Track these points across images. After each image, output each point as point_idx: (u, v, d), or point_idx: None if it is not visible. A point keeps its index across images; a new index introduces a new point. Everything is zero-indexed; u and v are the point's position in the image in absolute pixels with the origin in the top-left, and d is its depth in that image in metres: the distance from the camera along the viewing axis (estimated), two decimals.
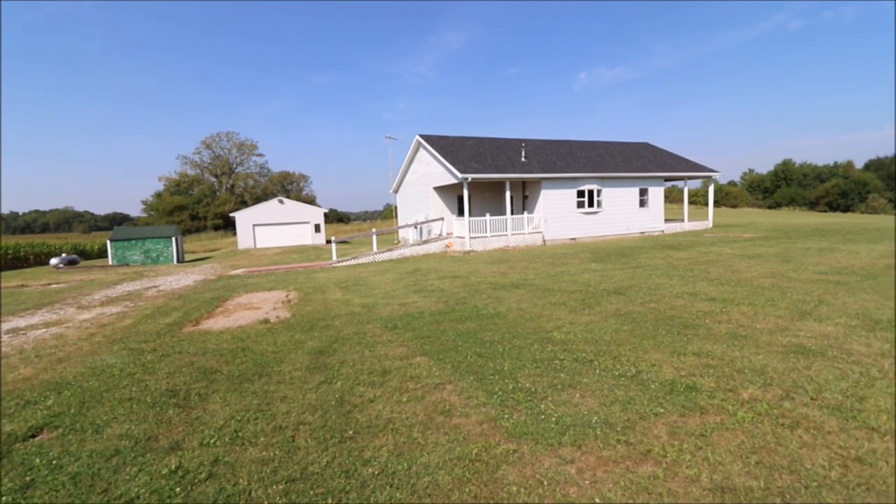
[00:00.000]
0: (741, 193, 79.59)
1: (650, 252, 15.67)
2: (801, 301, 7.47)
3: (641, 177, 23.82)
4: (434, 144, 22.14)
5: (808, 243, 15.58)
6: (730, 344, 5.51)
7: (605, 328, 6.53)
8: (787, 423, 3.54)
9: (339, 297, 10.43)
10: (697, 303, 7.78)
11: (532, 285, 10.39)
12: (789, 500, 2.65)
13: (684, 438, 3.38)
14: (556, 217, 21.63)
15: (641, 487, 2.83)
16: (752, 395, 4.08)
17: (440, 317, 7.79)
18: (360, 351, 6.11)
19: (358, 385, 4.88)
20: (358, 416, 4.16)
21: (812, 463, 3.01)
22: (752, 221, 31.98)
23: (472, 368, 5.14)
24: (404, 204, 27.61)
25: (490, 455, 3.30)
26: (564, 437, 3.48)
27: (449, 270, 13.86)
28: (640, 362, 5.04)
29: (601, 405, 4.02)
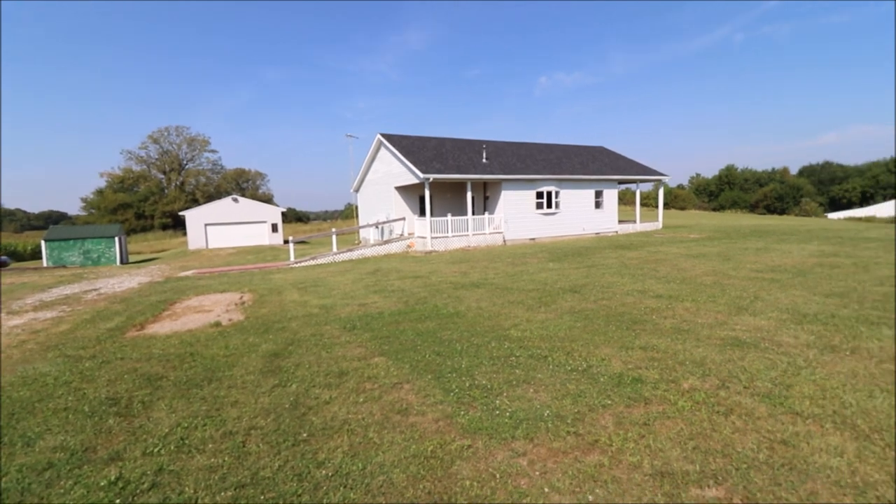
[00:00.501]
0: (689, 196, 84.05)
1: (604, 252, 16.27)
2: (738, 297, 7.99)
3: (597, 179, 24.68)
4: (396, 144, 22.03)
5: (746, 243, 16.67)
6: (674, 338, 5.83)
7: (560, 325, 6.73)
8: (722, 410, 3.80)
9: (296, 298, 10.19)
10: (646, 300, 8.16)
11: (492, 284, 10.55)
12: (720, 481, 2.85)
13: (629, 428, 3.55)
14: (516, 218, 22.04)
15: (588, 476, 2.96)
16: (691, 386, 4.34)
17: (400, 317, 7.77)
18: (317, 353, 6.01)
19: (314, 387, 4.80)
20: (313, 418, 4.09)
21: (743, 446, 3.25)
22: (697, 223, 33.85)
23: (431, 367, 5.17)
24: (365, 203, 27.30)
25: (445, 451, 3.35)
26: (517, 430, 3.58)
27: (410, 270, 13.84)
28: (592, 357, 5.25)
29: (553, 399, 4.16)
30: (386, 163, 23.40)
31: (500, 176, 21.12)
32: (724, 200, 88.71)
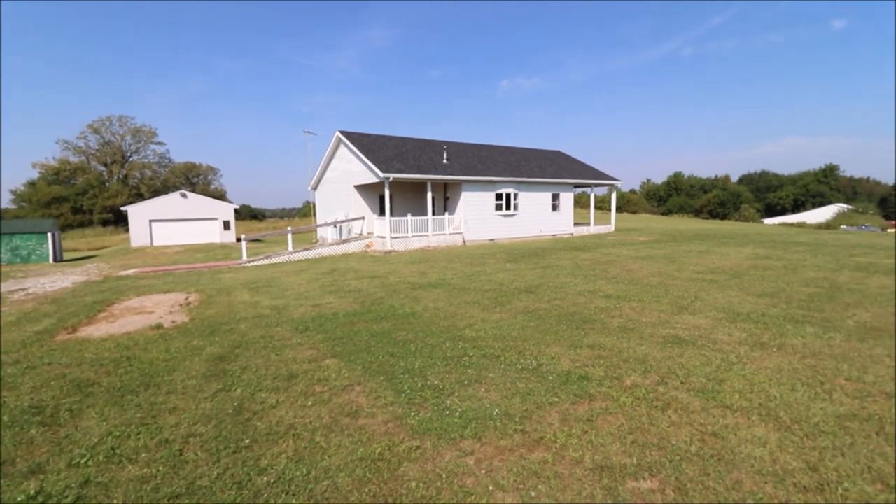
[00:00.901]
0: (640, 201, 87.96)
1: (559, 253, 16.73)
2: (680, 297, 8.43)
3: (554, 183, 25.33)
4: (355, 142, 21.70)
5: (690, 246, 17.63)
6: (620, 336, 6.07)
7: (514, 325, 6.85)
8: (660, 405, 3.99)
9: (246, 298, 9.82)
10: (596, 299, 8.45)
11: (449, 285, 10.59)
12: (655, 473, 2.99)
13: (573, 424, 3.66)
14: (475, 218, 22.25)
15: (532, 472, 3.02)
16: (633, 382, 4.53)
17: (355, 317, 7.65)
18: (266, 355, 5.81)
19: (260, 391, 4.64)
20: (257, 423, 3.95)
21: (677, 439, 3.42)
22: (647, 226, 35.47)
23: (384, 368, 5.12)
24: (324, 202, 26.71)
25: (393, 453, 3.32)
26: (466, 430, 3.61)
27: (368, 270, 13.67)
28: (542, 356, 5.37)
29: (503, 398, 4.22)
30: (345, 161, 23.00)
31: (461, 177, 21.26)
32: (671, 205, 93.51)
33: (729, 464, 3.10)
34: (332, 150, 24.28)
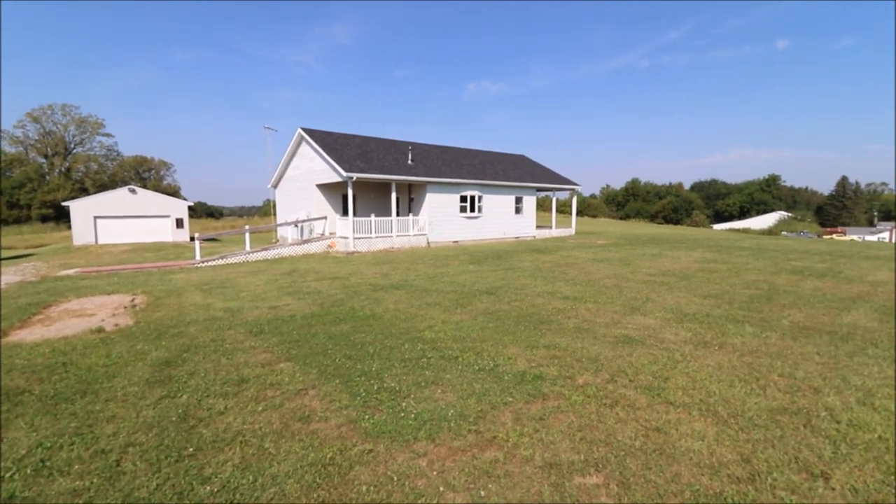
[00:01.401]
0: (600, 205, 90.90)
1: (521, 255, 17.02)
2: (633, 298, 8.77)
3: (518, 186, 25.76)
4: (318, 140, 21.26)
5: (644, 249, 18.37)
6: (574, 336, 6.24)
7: (473, 326, 6.91)
8: (609, 402, 4.13)
9: (198, 300, 9.41)
10: (554, 301, 8.66)
11: (412, 286, 10.56)
12: (601, 469, 3.09)
13: (526, 423, 3.73)
14: (440, 220, 22.29)
15: (483, 472, 3.06)
16: (585, 381, 4.67)
17: (313, 320, 7.49)
18: (216, 359, 5.59)
19: (207, 397, 4.46)
20: (203, 430, 3.80)
21: (623, 435, 3.56)
22: (606, 230, 36.70)
23: (340, 371, 5.04)
24: (284, 200, 26.00)
25: (344, 457, 3.27)
26: (420, 432, 3.60)
27: (329, 271, 13.42)
28: (499, 356, 5.45)
29: (459, 398, 4.25)
30: (307, 159, 22.50)
31: (426, 178, 21.25)
32: (629, 210, 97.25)
33: (670, 457, 3.25)
34: (294, 148, 23.70)
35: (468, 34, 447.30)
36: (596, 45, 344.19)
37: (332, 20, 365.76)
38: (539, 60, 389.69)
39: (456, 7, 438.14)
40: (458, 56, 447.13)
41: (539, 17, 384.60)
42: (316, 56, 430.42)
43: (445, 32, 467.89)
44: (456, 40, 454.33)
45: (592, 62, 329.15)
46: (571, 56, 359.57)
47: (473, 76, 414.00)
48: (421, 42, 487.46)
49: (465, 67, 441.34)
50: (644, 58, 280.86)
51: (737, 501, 2.76)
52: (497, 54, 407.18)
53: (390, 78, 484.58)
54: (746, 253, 17.01)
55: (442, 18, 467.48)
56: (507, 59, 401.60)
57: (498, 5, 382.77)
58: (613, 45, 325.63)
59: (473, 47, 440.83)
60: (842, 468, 3.15)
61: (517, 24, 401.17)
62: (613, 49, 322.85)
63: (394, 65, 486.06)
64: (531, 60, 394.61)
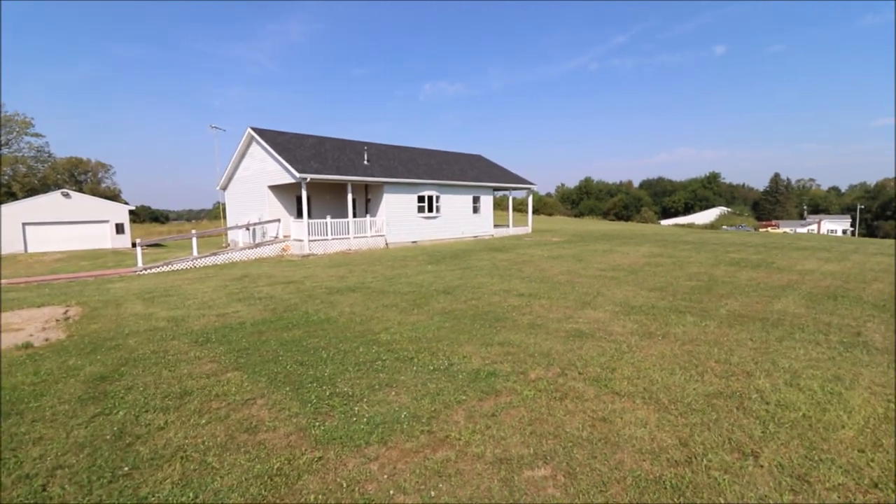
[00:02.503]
0: (555, 203, 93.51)
1: (479, 254, 17.20)
2: (584, 293, 9.06)
3: (475, 186, 26.02)
4: (269, 140, 20.58)
5: (596, 246, 19.04)
6: (528, 332, 6.37)
7: (430, 326, 6.91)
8: (559, 395, 4.24)
9: (139, 310, 8.87)
10: (510, 298, 8.80)
11: (368, 288, 10.43)
12: (549, 461, 3.17)
13: (478, 420, 3.77)
14: (398, 221, 22.15)
15: (434, 472, 3.06)
16: (537, 375, 4.77)
17: (264, 326, 7.24)
18: (157, 372, 5.29)
19: (146, 412, 4.21)
20: (140, 448, 3.58)
21: (571, 427, 3.66)
22: (561, 227, 37.75)
23: (290, 378, 4.89)
24: (235, 203, 24.99)
25: (292, 467, 3.18)
26: (372, 436, 3.56)
27: (283, 275, 13.01)
28: (454, 355, 5.47)
29: (413, 400, 4.23)
30: (258, 160, 21.73)
31: (383, 179, 21.05)
32: (583, 208, 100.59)
33: (614, 445, 3.38)
34: (244, 149, 22.82)
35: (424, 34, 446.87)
36: (550, 48, 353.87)
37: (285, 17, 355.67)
38: (495, 62, 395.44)
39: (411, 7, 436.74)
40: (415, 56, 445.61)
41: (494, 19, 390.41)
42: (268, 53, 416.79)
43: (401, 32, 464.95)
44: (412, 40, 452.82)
45: (547, 64, 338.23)
46: (527, 58, 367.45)
47: (430, 76, 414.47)
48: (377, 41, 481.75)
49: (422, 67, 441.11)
50: (594, 61, 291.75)
51: (674, 484, 2.91)
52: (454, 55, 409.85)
53: (347, 76, 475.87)
54: (690, 247, 17.98)
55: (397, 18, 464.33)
56: (464, 59, 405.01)
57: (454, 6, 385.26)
58: (566, 48, 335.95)
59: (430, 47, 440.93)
60: (770, 446, 3.38)
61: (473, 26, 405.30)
62: (566, 52, 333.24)
63: (350, 63, 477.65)
64: (488, 62, 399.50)
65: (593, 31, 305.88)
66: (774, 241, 21.78)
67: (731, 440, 3.47)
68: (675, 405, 4.05)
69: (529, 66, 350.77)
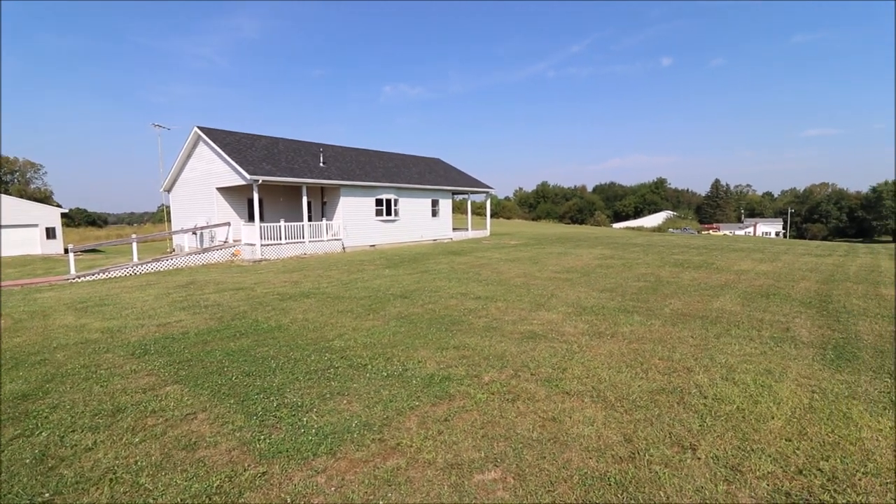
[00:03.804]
0: (514, 207, 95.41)
1: (438, 257, 17.22)
2: (539, 295, 9.25)
3: (434, 189, 26.05)
4: (218, 140, 19.71)
5: (551, 248, 19.54)
6: (483, 335, 6.41)
7: (385, 331, 6.81)
8: (511, 397, 4.29)
9: (69, 321, 8.22)
10: (467, 301, 8.84)
11: (323, 294, 10.17)
12: (499, 463, 3.19)
13: (430, 426, 3.74)
14: (355, 224, 21.80)
15: (384, 480, 3.00)
16: (491, 378, 4.80)
17: (209, 336, 6.88)
18: (87, 388, 4.90)
19: (73, 432, 3.88)
20: (64, 471, 3.29)
21: (522, 428, 3.70)
22: (518, 231, 38.50)
23: (236, 390, 4.67)
24: (181, 206, 23.72)
25: (234, 484, 3.02)
26: (321, 447, 3.45)
27: (232, 282, 12.46)
28: (409, 361, 5.42)
29: (365, 408, 4.14)
30: (206, 161, 20.75)
31: (339, 181, 20.66)
32: (540, 211, 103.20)
33: (563, 445, 3.44)
34: (190, 149, 21.73)
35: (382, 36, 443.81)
36: (508, 54, 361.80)
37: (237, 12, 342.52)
38: (455, 66, 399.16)
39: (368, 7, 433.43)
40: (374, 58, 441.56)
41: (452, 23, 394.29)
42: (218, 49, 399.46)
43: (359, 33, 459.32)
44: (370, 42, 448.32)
45: (506, 70, 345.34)
46: (486, 63, 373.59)
47: (390, 78, 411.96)
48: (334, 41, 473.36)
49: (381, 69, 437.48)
50: (551, 69, 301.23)
51: (618, 480, 3.00)
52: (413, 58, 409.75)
53: (303, 77, 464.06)
54: (638, 249, 18.81)
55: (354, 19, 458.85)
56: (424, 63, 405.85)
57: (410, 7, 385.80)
58: (524, 54, 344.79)
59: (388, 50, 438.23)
60: (707, 439, 3.56)
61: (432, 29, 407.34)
62: (524, 59, 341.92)
63: (306, 63, 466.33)
64: (447, 65, 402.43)
65: (550, 40, 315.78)
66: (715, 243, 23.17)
67: (672, 434, 3.63)
68: (621, 402, 4.19)
69: (489, 71, 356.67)
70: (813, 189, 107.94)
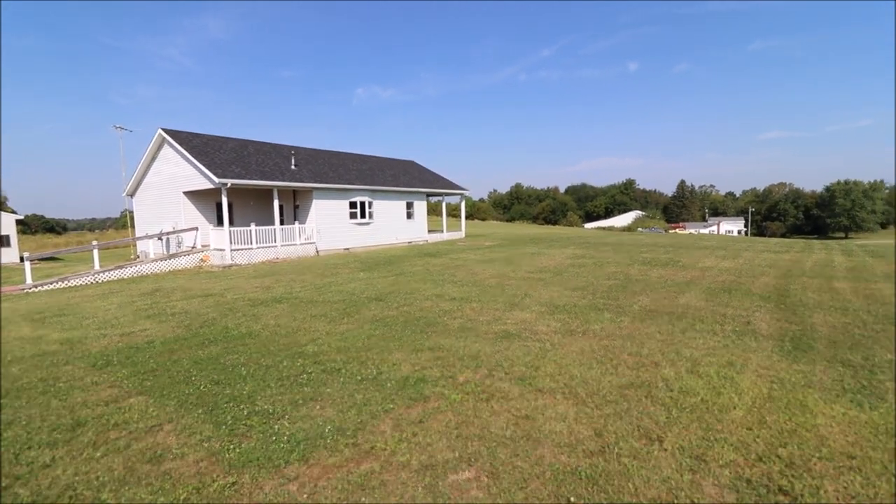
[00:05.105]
0: (488, 209, 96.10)
1: (413, 259, 17.18)
2: (513, 295, 9.36)
3: (409, 191, 25.97)
4: (184, 143, 19.11)
5: (525, 249, 19.79)
6: (458, 336, 6.44)
7: (360, 335, 6.75)
8: (485, 396, 4.33)
9: (26, 333, 7.81)
10: (442, 303, 8.86)
11: (296, 298, 10.00)
12: (473, 462, 3.21)
13: (405, 428, 3.73)
14: (329, 227, 21.51)
15: (357, 485, 2.98)
16: (466, 378, 4.83)
17: (176, 344, 6.67)
18: (45, 402, 4.67)
19: (29, 449, 3.69)
20: (20, 490, 3.13)
21: (496, 427, 3.74)
22: (493, 232, 38.81)
23: (204, 400, 4.54)
24: (145, 210, 22.86)
25: (202, 496, 2.93)
26: (293, 454, 3.39)
27: (200, 288, 12.10)
28: (384, 364, 5.39)
29: (338, 412, 4.10)
30: (172, 164, 20.08)
31: (312, 184, 20.35)
32: (514, 213, 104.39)
33: (535, 442, 3.50)
34: (154, 151, 20.99)
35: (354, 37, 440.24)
36: (481, 58, 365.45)
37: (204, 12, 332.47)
38: (428, 68, 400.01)
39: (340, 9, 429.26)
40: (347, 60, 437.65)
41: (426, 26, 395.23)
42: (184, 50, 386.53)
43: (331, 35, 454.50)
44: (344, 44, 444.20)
45: (479, 73, 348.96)
46: (459, 66, 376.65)
47: (362, 80, 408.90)
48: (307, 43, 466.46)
49: (354, 71, 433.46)
50: (523, 72, 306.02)
51: (589, 474, 3.06)
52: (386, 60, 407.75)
53: (275, 78, 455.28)
54: (609, 248, 19.26)
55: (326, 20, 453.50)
56: (397, 65, 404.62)
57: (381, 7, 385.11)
58: (497, 58, 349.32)
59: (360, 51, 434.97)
60: (673, 430, 3.68)
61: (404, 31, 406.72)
62: (497, 62, 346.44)
63: (277, 64, 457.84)
64: (421, 67, 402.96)
65: (520, 44, 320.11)
66: (681, 241, 23.97)
67: (640, 427, 3.73)
68: (591, 398, 4.29)
69: (462, 75, 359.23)
70: (772, 189, 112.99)
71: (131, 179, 22.58)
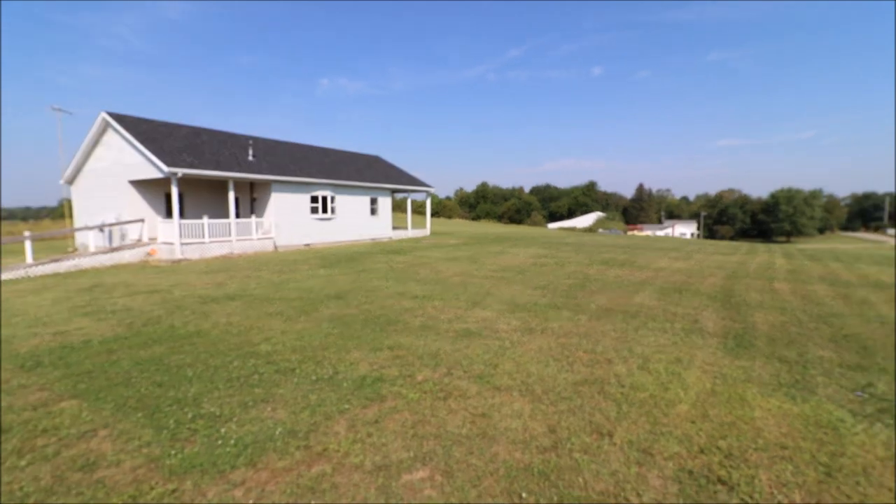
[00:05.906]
0: (454, 207, 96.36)
1: (376, 256, 16.96)
2: (476, 293, 9.40)
3: (373, 187, 25.61)
4: (130, 128, 17.99)
5: (490, 247, 19.97)
6: (419, 335, 6.39)
7: (317, 334, 6.58)
8: (443, 395, 4.30)
9: None
10: (404, 301, 8.78)
11: (250, 295, 9.63)
12: (427, 462, 3.18)
13: (360, 429, 3.65)
14: (289, 222, 20.88)
15: (307, 488, 2.88)
16: (424, 377, 4.79)
17: (115, 344, 6.26)
18: None
19: None
20: None
21: (453, 425, 3.73)
22: (458, 230, 38.95)
23: (144, 403, 4.27)
24: (86, 200, 21.36)
25: None
26: (240, 458, 3.24)
27: (146, 284, 11.44)
28: (340, 363, 5.27)
29: (291, 414, 3.96)
30: (116, 150, 18.87)
31: (270, 177, 19.68)
32: (480, 211, 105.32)
33: (491, 439, 3.51)
34: (97, 136, 19.63)
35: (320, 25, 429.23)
36: (450, 55, 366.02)
37: None
38: (396, 62, 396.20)
39: None
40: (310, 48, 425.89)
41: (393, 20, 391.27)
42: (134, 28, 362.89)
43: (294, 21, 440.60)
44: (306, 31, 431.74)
45: (448, 70, 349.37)
46: (428, 62, 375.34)
47: (327, 71, 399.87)
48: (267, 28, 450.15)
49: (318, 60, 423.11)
50: (491, 72, 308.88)
51: (541, 470, 3.10)
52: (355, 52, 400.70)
53: (233, 64, 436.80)
54: (570, 248, 19.74)
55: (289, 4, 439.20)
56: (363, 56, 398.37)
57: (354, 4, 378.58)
58: (466, 56, 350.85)
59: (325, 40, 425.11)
60: (622, 425, 3.79)
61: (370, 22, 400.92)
62: (466, 60, 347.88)
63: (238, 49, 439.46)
64: (388, 61, 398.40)
65: (489, 43, 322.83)
66: (638, 242, 24.92)
67: (592, 423, 3.82)
68: (547, 395, 4.35)
69: (431, 70, 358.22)
70: (722, 194, 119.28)
71: (70, 166, 21.03)
